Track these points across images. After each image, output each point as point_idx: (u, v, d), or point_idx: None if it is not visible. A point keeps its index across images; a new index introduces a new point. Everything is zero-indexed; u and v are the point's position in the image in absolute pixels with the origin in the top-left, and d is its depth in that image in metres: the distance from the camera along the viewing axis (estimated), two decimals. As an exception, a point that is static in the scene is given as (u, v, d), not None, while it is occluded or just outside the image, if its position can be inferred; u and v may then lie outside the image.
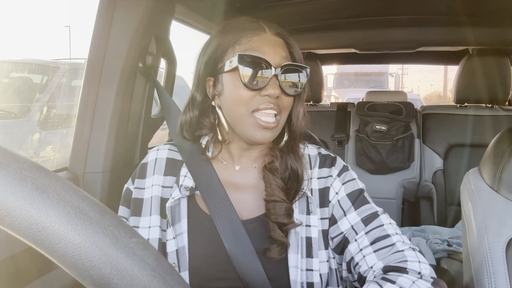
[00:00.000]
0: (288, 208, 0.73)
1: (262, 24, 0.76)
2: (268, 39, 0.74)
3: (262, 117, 0.71)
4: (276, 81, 0.71)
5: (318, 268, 0.73)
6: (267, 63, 0.71)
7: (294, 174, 0.77)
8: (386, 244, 0.71)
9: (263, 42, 0.73)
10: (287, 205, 0.73)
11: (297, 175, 0.76)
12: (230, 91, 0.74)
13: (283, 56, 0.73)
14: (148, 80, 1.23)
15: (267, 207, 0.74)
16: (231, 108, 0.74)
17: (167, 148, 0.85)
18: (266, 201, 0.74)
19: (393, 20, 1.90)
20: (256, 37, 0.73)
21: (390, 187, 2.24)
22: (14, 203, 0.27)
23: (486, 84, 2.09)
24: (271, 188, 0.74)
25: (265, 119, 0.71)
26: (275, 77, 0.71)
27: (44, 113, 3.55)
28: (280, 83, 0.72)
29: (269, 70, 0.71)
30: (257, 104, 0.72)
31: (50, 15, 60.25)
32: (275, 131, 0.74)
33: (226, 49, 0.74)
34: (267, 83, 0.71)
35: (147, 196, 0.79)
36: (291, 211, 0.73)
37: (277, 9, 1.57)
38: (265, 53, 0.71)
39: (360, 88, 10.19)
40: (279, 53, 0.73)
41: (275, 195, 0.73)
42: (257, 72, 0.71)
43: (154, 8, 1.13)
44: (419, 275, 0.65)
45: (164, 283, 0.29)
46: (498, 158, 0.79)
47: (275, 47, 0.73)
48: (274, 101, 0.72)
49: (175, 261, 0.73)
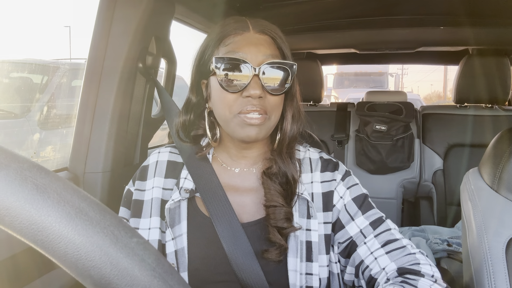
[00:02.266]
0: (287, 212, 0.73)
1: (248, 22, 0.74)
2: (250, 38, 0.72)
3: (248, 115, 0.70)
4: (258, 81, 0.69)
5: (317, 273, 0.73)
6: (245, 63, 0.69)
7: (286, 177, 0.76)
8: (397, 246, 0.71)
9: (245, 41, 0.71)
10: (286, 210, 0.73)
11: (288, 178, 0.75)
12: (216, 94, 0.74)
13: (267, 54, 0.71)
14: (148, 80, 1.23)
15: (267, 212, 0.73)
16: (218, 111, 0.75)
17: (168, 151, 0.85)
18: (265, 206, 0.74)
19: (393, 20, 1.89)
20: (238, 37, 0.72)
21: (390, 187, 2.24)
22: (15, 203, 0.27)
23: (486, 84, 2.09)
24: (270, 194, 0.74)
25: (250, 115, 0.70)
26: (256, 77, 0.69)
27: (44, 113, 3.55)
28: (263, 83, 0.70)
29: (249, 70, 0.69)
30: (240, 106, 0.70)
31: (50, 15, 60.22)
32: (262, 128, 0.72)
33: (212, 51, 0.74)
34: (247, 83, 0.69)
35: (147, 198, 0.79)
36: (290, 215, 0.73)
37: (277, 9, 1.57)
38: (246, 53, 0.70)
39: (360, 88, 10.19)
40: (262, 51, 0.71)
41: (274, 201, 0.73)
42: (236, 73, 0.69)
43: (154, 8, 1.13)
44: (433, 279, 0.66)
45: (164, 283, 0.29)
46: (498, 158, 0.79)
47: (257, 45, 0.71)
48: (258, 102, 0.70)
49: (174, 262, 0.73)
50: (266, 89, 0.70)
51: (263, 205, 0.74)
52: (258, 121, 0.70)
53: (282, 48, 0.75)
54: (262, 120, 0.70)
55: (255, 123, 0.70)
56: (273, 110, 0.73)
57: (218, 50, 0.73)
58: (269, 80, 0.70)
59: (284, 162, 0.76)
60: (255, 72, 0.69)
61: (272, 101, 0.72)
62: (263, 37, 0.73)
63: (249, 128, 0.71)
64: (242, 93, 0.70)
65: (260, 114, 0.70)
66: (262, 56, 0.71)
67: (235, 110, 0.71)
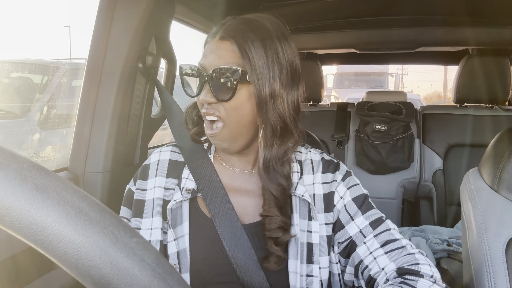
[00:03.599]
0: (282, 221, 0.71)
1: (221, 28, 0.73)
2: (212, 46, 0.72)
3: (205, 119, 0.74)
4: (208, 87, 0.70)
5: (318, 274, 0.73)
6: (197, 70, 0.72)
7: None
8: (397, 246, 0.71)
9: (208, 50, 0.73)
10: (281, 219, 0.71)
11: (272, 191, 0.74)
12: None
13: (222, 61, 0.70)
14: (148, 80, 1.23)
15: (262, 222, 0.73)
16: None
17: (169, 150, 0.84)
18: (261, 215, 0.73)
19: (393, 20, 1.90)
20: (207, 45, 0.75)
21: (390, 187, 2.24)
22: (14, 203, 0.27)
23: (486, 84, 2.09)
24: (267, 205, 0.73)
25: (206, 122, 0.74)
26: (206, 83, 0.70)
27: (44, 113, 3.55)
28: (212, 89, 0.69)
29: (200, 77, 0.71)
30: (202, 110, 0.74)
31: (50, 15, 60.23)
32: (219, 138, 0.73)
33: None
34: (199, 89, 0.72)
35: (149, 197, 0.78)
36: (284, 225, 0.72)
37: (277, 9, 1.57)
38: (203, 61, 0.72)
39: (360, 88, 10.19)
40: (217, 58, 0.70)
41: (270, 211, 0.72)
42: (192, 80, 0.74)
43: (154, 8, 1.13)
44: (432, 279, 0.66)
45: (164, 283, 0.29)
46: (498, 158, 0.79)
47: (215, 52, 0.71)
48: (211, 107, 0.71)
49: (176, 263, 0.73)
50: (215, 96, 0.70)
51: (260, 214, 0.74)
52: (212, 132, 0.72)
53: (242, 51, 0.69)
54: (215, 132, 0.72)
55: (211, 134, 0.73)
56: (228, 116, 0.71)
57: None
58: (218, 86, 0.69)
59: (262, 178, 0.74)
60: (206, 78, 0.70)
61: (227, 107, 0.71)
62: (223, 44, 0.71)
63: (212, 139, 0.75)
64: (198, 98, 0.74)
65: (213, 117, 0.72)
66: (216, 63, 0.70)
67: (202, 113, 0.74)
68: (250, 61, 0.69)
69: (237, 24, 0.73)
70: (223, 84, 0.69)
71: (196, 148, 0.82)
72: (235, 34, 0.70)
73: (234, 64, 0.69)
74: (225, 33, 0.71)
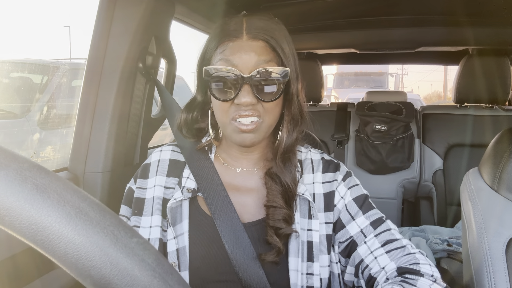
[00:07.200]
0: (286, 214, 0.73)
1: (243, 25, 0.72)
2: (241, 45, 0.70)
3: (242, 121, 0.70)
4: (249, 89, 0.68)
5: (318, 273, 0.73)
6: (235, 72, 0.68)
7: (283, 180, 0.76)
8: (397, 246, 0.72)
9: (237, 49, 0.70)
10: (286, 211, 0.73)
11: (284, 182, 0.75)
12: (213, 99, 0.74)
13: (259, 61, 0.69)
14: (148, 80, 1.23)
15: (266, 212, 0.74)
16: (217, 115, 0.75)
17: (170, 149, 0.85)
18: (266, 206, 0.74)
19: (393, 20, 1.90)
20: (231, 43, 0.71)
21: (390, 187, 2.24)
22: (15, 203, 0.27)
23: (486, 84, 2.09)
24: (272, 195, 0.74)
25: (244, 121, 0.70)
26: (247, 85, 0.68)
27: (44, 113, 3.55)
28: (254, 90, 0.69)
29: (239, 79, 0.68)
30: (233, 112, 0.70)
31: (50, 15, 60.24)
32: (257, 133, 0.72)
33: (210, 55, 0.74)
34: (238, 92, 0.69)
35: (149, 196, 0.79)
36: (288, 217, 0.73)
37: (277, 9, 1.57)
38: (237, 61, 0.69)
39: (360, 88, 10.19)
40: (253, 58, 0.69)
41: (275, 202, 0.73)
42: (226, 82, 0.69)
43: (154, 8, 1.13)
44: (432, 278, 0.66)
45: (164, 283, 0.29)
46: (498, 158, 0.79)
47: (249, 53, 0.69)
48: (250, 108, 0.70)
49: (175, 261, 0.73)
50: (258, 97, 0.69)
51: (264, 205, 0.75)
52: (251, 127, 0.70)
53: (277, 50, 0.71)
54: (255, 125, 0.70)
55: (249, 130, 0.70)
56: (266, 113, 0.72)
57: (216, 55, 0.72)
58: (261, 87, 0.69)
59: (278, 167, 0.76)
60: (245, 80, 0.68)
61: (267, 106, 0.71)
62: (256, 43, 0.70)
63: (244, 134, 0.71)
64: (234, 100, 0.70)
65: (254, 118, 0.70)
66: (254, 63, 0.69)
67: (230, 116, 0.71)
68: (288, 59, 0.72)
69: (259, 22, 0.73)
70: (267, 84, 0.69)
71: (196, 147, 0.82)
72: (266, 33, 0.71)
73: (273, 63, 0.70)
74: (256, 32, 0.71)
